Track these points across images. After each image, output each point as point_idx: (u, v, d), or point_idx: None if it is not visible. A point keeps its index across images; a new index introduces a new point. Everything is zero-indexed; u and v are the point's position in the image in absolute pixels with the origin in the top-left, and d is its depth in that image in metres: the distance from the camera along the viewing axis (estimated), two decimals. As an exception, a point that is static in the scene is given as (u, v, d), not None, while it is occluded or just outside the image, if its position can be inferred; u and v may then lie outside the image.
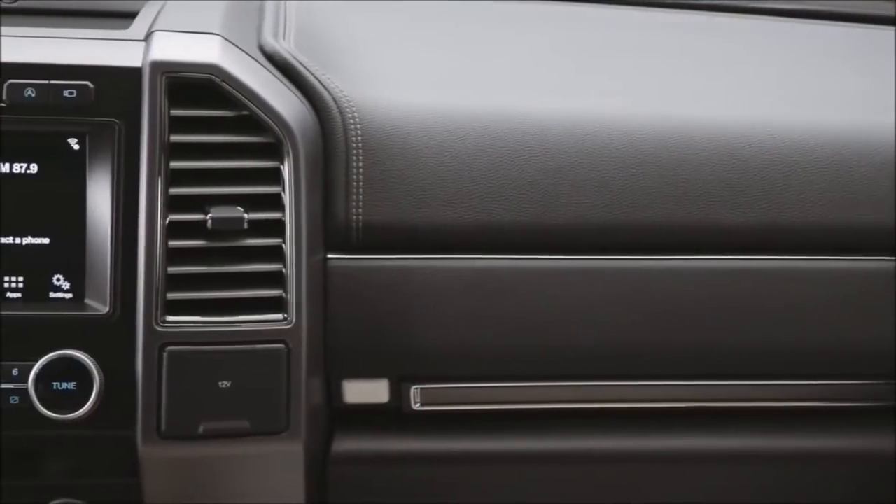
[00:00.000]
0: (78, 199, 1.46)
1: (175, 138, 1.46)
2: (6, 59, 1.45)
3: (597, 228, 1.56)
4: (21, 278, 1.45)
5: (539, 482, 1.60)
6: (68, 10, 1.74)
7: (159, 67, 1.46)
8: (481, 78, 1.71)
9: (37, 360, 1.41)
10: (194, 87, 1.47)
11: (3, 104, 1.44)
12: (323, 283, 1.50)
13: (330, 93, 1.55)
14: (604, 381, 1.61)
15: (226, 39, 1.54)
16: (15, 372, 1.41)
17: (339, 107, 1.54)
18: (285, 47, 1.60)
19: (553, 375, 1.58)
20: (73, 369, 1.41)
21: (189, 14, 1.61)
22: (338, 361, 1.52)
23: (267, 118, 1.48)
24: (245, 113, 1.48)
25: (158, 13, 1.61)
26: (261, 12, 1.77)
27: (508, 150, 1.56)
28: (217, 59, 1.49)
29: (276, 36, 1.63)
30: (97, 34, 1.55)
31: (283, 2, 1.82)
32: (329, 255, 1.52)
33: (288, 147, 1.47)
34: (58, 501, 1.46)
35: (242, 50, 1.55)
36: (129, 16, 1.73)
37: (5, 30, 1.54)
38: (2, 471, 1.47)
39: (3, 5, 1.73)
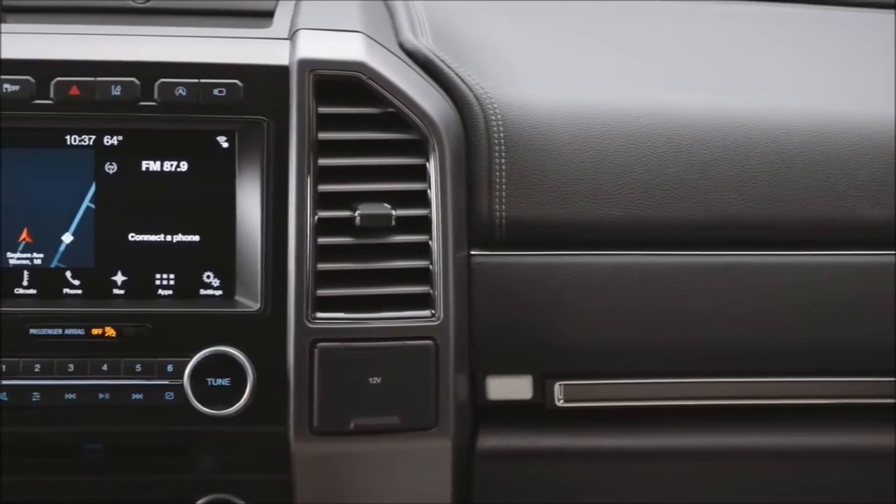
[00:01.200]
0: (227, 197, 1.47)
1: (323, 136, 1.47)
2: (157, 58, 1.47)
3: (740, 224, 1.55)
4: (172, 276, 1.47)
5: (684, 479, 1.59)
6: (200, 9, 1.75)
7: (307, 65, 1.47)
8: (613, 73, 1.71)
9: (191, 357, 1.42)
10: (340, 84, 1.48)
11: (154, 103, 1.45)
12: (467, 279, 1.50)
13: (471, 90, 1.55)
14: (744, 378, 1.60)
15: (369, 37, 1.54)
16: (170, 368, 1.42)
17: (480, 103, 1.54)
18: (426, 45, 1.61)
19: (695, 371, 1.56)
20: (227, 366, 1.42)
21: (328, 12, 1.62)
22: (482, 358, 1.52)
23: (413, 115, 1.48)
24: (391, 110, 1.48)
25: (297, 12, 1.62)
26: (391, 11, 1.77)
27: (652, 146, 1.55)
28: (363, 56, 1.49)
29: (415, 34, 1.64)
30: (243, 33, 1.57)
31: (409, 1, 1.83)
32: (472, 252, 1.52)
33: (434, 144, 1.48)
34: (209, 497, 1.47)
35: (386, 48, 1.55)
36: (263, 15, 1.74)
37: (148, 29, 1.55)
38: (154, 466, 1.48)
39: (136, 5, 1.74)
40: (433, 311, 1.46)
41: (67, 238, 1.46)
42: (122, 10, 1.74)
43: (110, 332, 1.43)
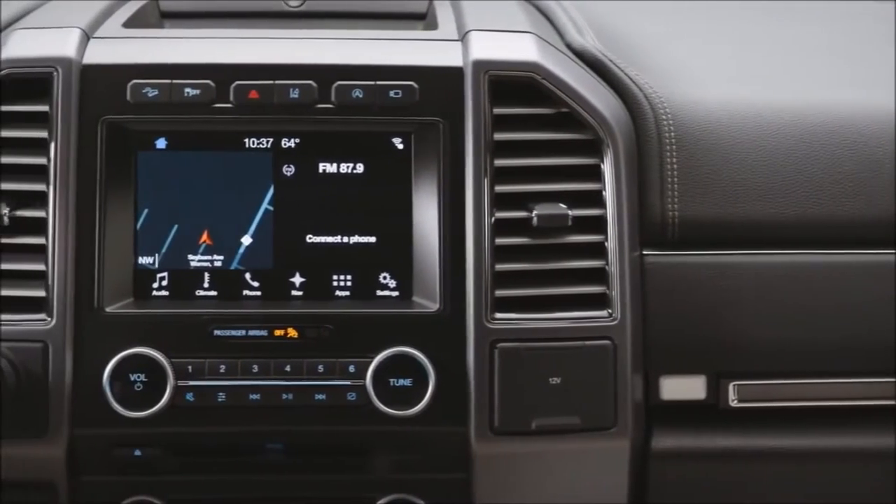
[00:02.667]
0: (403, 198, 1.48)
1: (498, 136, 1.47)
2: (334, 61, 1.48)
3: None
4: (349, 276, 1.48)
5: (857, 480, 1.57)
6: (353, 12, 1.77)
7: (482, 66, 1.47)
8: (775, 70, 1.70)
9: (372, 358, 1.43)
10: (512, 85, 1.48)
11: (331, 105, 1.46)
12: (640, 279, 1.50)
13: (641, 89, 1.55)
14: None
15: (540, 38, 1.55)
16: (352, 369, 1.43)
17: (650, 103, 1.54)
18: (593, 45, 1.61)
19: (870, 371, 1.55)
20: (409, 366, 1.43)
21: (492, 13, 1.63)
22: (655, 358, 1.51)
23: (587, 115, 1.48)
24: (565, 110, 1.48)
25: (459, 13, 1.63)
26: (546, 11, 1.78)
27: (824, 145, 1.54)
28: (537, 57, 1.50)
29: (580, 34, 1.64)
30: (414, 35, 1.58)
31: (564, 1, 1.83)
32: (645, 252, 1.51)
33: (608, 144, 1.48)
34: (390, 497, 1.48)
35: (556, 48, 1.56)
36: (416, 17, 1.75)
37: (321, 32, 1.57)
38: (333, 465, 1.48)
39: (291, 9, 1.76)
40: (610, 311, 1.46)
41: (247, 240, 1.47)
42: (277, 14, 1.76)
43: (292, 333, 1.44)
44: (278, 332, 1.44)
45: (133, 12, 1.65)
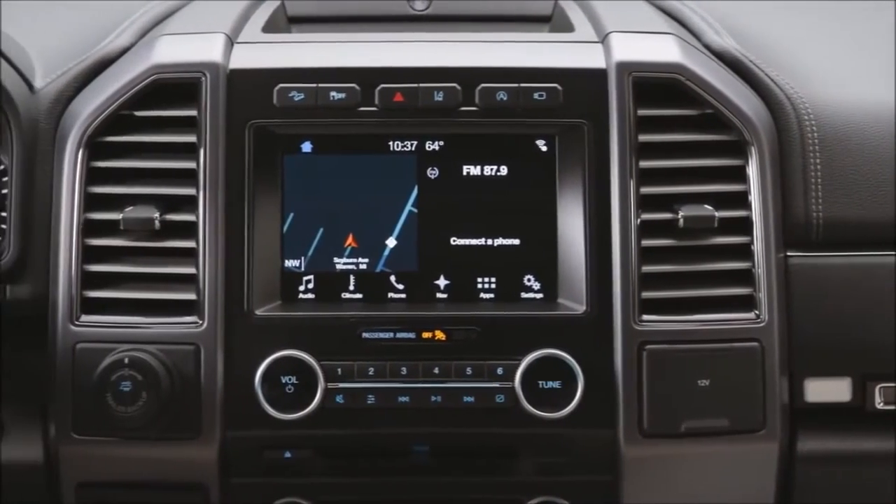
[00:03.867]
0: (547, 200, 1.48)
1: (643, 138, 1.46)
2: (478, 63, 1.48)
3: None
4: (494, 279, 1.48)
5: None
6: (478, 15, 1.77)
7: (626, 68, 1.47)
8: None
9: (520, 360, 1.43)
10: (656, 86, 1.48)
11: (475, 108, 1.46)
12: (785, 280, 1.49)
13: (782, 90, 1.54)
14: None
15: (681, 39, 1.54)
16: (500, 371, 1.43)
17: (792, 104, 1.53)
18: (733, 46, 1.60)
19: None
20: (557, 368, 1.43)
21: (627, 15, 1.62)
22: (800, 360, 1.50)
23: (732, 116, 1.47)
24: (709, 112, 1.48)
25: (593, 15, 1.62)
26: (674, 12, 1.76)
27: (972, 144, 1.52)
28: (681, 58, 1.49)
29: (719, 35, 1.63)
30: (554, 37, 1.57)
31: (689, 1, 1.82)
32: (789, 253, 1.50)
33: (753, 145, 1.47)
34: (538, 499, 1.48)
35: (697, 49, 1.55)
36: (541, 19, 1.75)
37: (454, 35, 1.57)
38: (479, 468, 1.49)
39: (416, 13, 1.76)
40: (757, 313, 1.45)
41: (391, 242, 1.47)
42: (403, 17, 1.76)
43: (440, 335, 1.44)
44: (426, 335, 1.44)
45: (266, 17, 1.66)
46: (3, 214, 1.50)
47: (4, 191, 1.50)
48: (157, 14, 1.69)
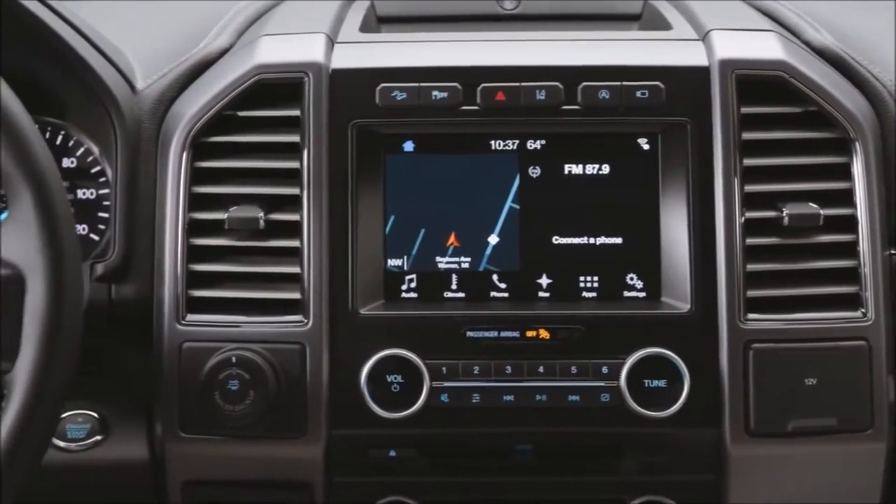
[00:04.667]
0: (649, 199, 1.47)
1: (746, 136, 1.46)
2: (579, 62, 1.48)
3: None
4: (596, 278, 1.47)
5: None
6: (567, 14, 1.76)
7: (729, 65, 1.46)
8: None
9: (625, 359, 1.42)
10: (759, 84, 1.47)
11: (577, 107, 1.46)
12: (891, 279, 1.47)
13: (885, 86, 1.53)
14: None
15: (783, 36, 1.53)
16: (605, 370, 1.43)
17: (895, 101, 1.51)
18: (833, 42, 1.59)
19: None
20: (662, 367, 1.42)
21: (724, 13, 1.61)
22: None
23: (837, 113, 1.46)
24: (813, 109, 1.47)
25: (689, 13, 1.61)
26: (772, 10, 1.75)
27: None
28: (785, 55, 1.48)
29: (818, 32, 1.62)
30: (653, 35, 1.57)
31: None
32: (893, 251, 1.49)
33: (858, 142, 1.46)
34: (643, 498, 1.47)
35: (799, 46, 1.54)
36: (630, 18, 1.74)
37: (562, 34, 1.57)
38: (582, 467, 1.48)
39: (505, 12, 1.76)
40: (864, 312, 1.44)
41: (493, 240, 1.47)
42: (492, 17, 1.76)
43: (544, 334, 1.44)
44: (530, 334, 1.44)
45: (360, 17, 1.66)
46: (105, 216, 1.52)
47: (105, 190, 1.51)
48: (251, 14, 1.69)
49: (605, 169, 1.48)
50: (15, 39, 1.45)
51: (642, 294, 1.47)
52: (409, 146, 1.48)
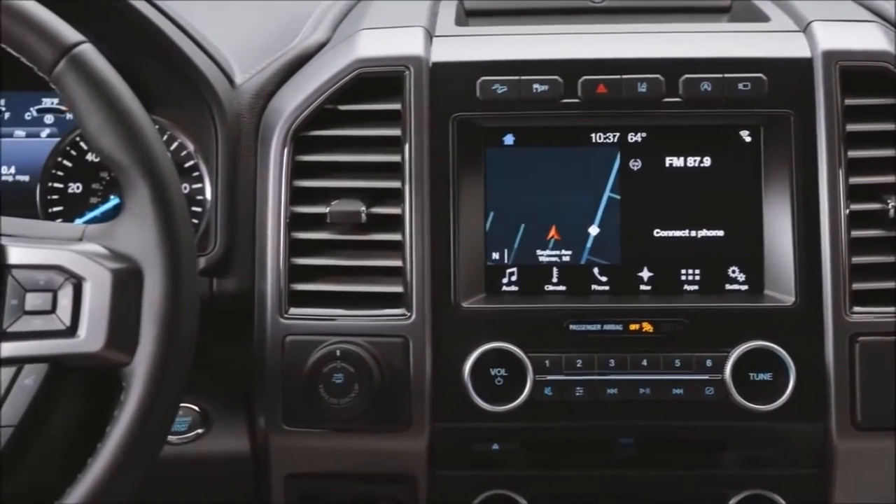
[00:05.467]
0: (752, 191, 1.46)
1: (851, 127, 1.44)
2: (681, 54, 1.47)
3: None
4: (698, 271, 1.47)
5: None
6: (656, 7, 1.75)
7: (833, 57, 1.45)
8: None
9: (729, 352, 1.42)
10: (862, 75, 1.46)
11: (679, 99, 1.46)
12: None
13: None
14: None
15: (886, 27, 1.52)
16: (709, 363, 1.42)
17: None
18: None
19: None
20: (767, 360, 1.41)
21: (825, 3, 1.60)
22: None
23: None
24: None
25: (786, 5, 1.60)
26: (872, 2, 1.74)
27: None
28: (889, 46, 1.47)
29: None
30: (753, 27, 1.56)
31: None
32: None
33: None
34: (745, 493, 1.46)
35: (899, 36, 1.53)
36: (720, 10, 1.73)
37: (663, 26, 1.57)
38: (684, 461, 1.48)
39: (594, 5, 1.76)
40: None
41: (594, 230, 1.47)
42: (580, 10, 1.75)
43: (648, 327, 1.44)
44: (633, 327, 1.43)
45: (453, 11, 1.66)
46: (199, 210, 1.53)
47: (198, 185, 1.52)
48: (344, 9, 1.70)
49: (707, 161, 1.47)
50: (117, 35, 1.46)
51: (744, 287, 1.46)
52: (509, 139, 1.48)
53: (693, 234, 1.47)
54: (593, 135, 1.48)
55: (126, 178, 1.21)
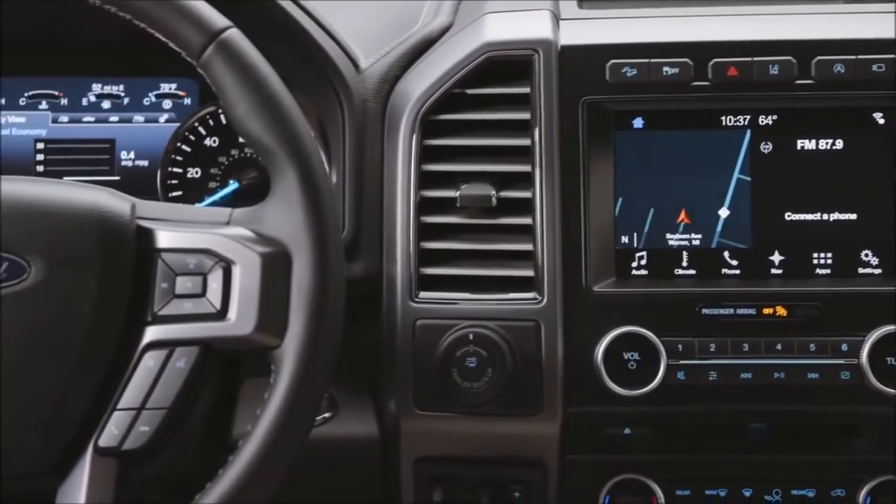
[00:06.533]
0: (885, 174, 1.45)
1: None
2: (812, 36, 1.46)
3: None
4: (829, 254, 1.45)
5: None
6: None
7: None
8: None
9: (864, 336, 1.40)
10: None
11: (811, 81, 1.44)
12: None
13: None
14: None
15: None
16: (844, 347, 1.41)
17: None
18: None
19: None
20: None
21: None
22: None
23: None
24: None
25: None
26: None
27: None
28: None
29: None
30: (884, 7, 1.54)
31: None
32: None
33: None
34: (878, 479, 1.45)
35: None
36: None
37: (774, 8, 1.54)
38: (815, 446, 1.47)
39: None
40: None
41: (724, 213, 1.46)
42: None
43: (781, 311, 1.43)
44: (766, 311, 1.42)
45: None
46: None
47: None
48: None
49: (839, 144, 1.46)
50: (250, 20, 1.46)
51: (878, 271, 1.45)
52: (638, 123, 1.47)
53: (825, 217, 1.45)
54: (723, 117, 1.47)
55: (273, 162, 1.22)
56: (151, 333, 1.20)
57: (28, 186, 1.23)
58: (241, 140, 1.66)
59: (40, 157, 1.70)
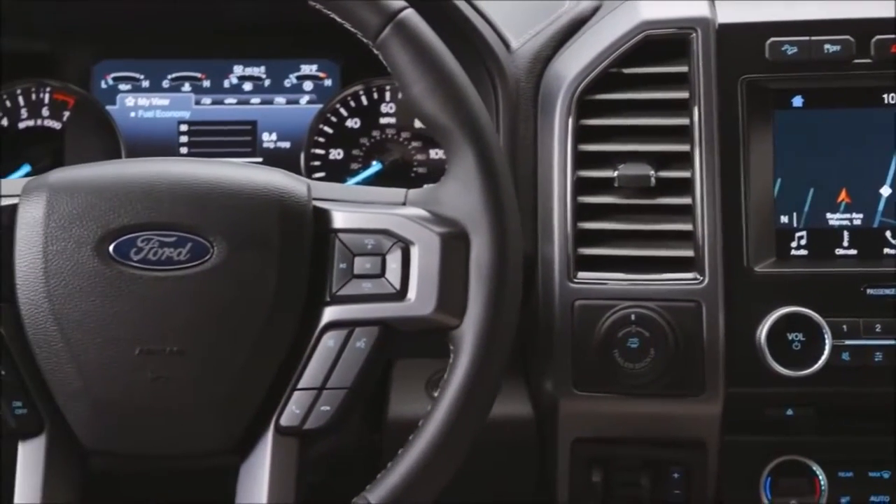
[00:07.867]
0: None
1: None
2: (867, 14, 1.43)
3: None
4: None
5: None
6: None
7: None
8: None
9: None
10: None
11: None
12: None
13: None
14: None
15: None
16: None
17: None
18: None
19: None
20: None
21: None
22: None
23: None
24: None
25: None
26: None
27: None
28: None
29: None
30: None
31: None
32: None
33: None
34: None
35: None
36: None
37: None
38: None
39: None
40: None
41: (886, 191, 1.44)
42: None
43: (946, 291, 1.41)
44: None
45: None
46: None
47: None
48: None
49: None
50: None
51: None
52: (797, 101, 1.46)
53: None
54: (885, 95, 1.45)
55: (450, 142, 1.22)
56: (331, 313, 1.21)
57: (203, 167, 1.23)
58: (381, 122, 1.68)
59: (184, 138, 1.71)
